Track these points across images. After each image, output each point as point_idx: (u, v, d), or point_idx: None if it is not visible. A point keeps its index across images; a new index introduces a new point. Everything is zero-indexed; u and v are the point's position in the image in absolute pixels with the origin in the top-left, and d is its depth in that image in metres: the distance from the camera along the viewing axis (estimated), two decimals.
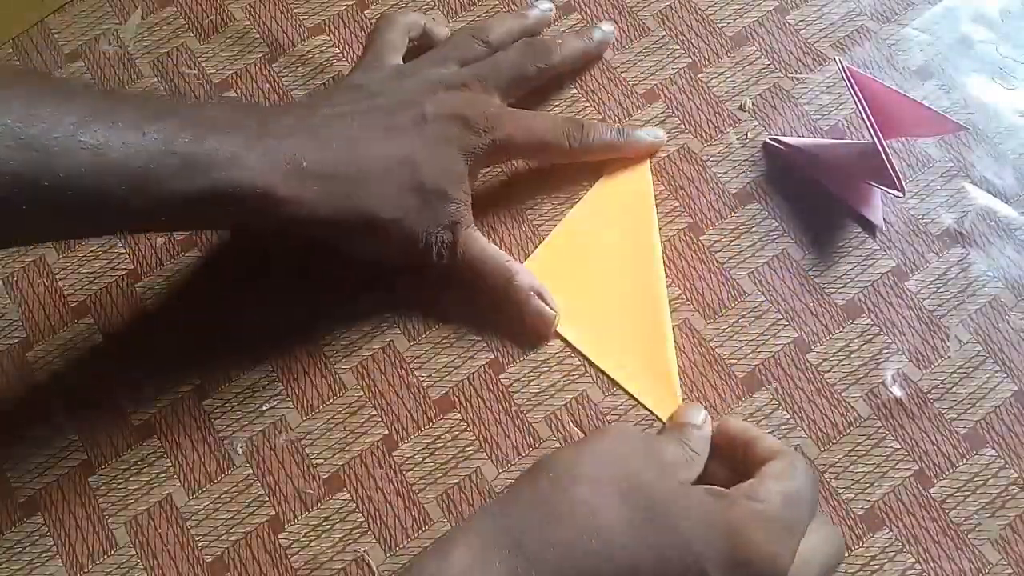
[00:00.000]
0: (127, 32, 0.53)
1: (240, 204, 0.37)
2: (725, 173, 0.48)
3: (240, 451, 0.43)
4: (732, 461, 0.39)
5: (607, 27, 0.50)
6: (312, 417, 0.43)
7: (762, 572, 0.33)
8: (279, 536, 0.41)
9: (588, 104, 0.49)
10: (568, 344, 0.44)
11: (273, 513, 0.42)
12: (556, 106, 0.49)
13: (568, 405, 0.43)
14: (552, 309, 0.43)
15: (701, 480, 0.37)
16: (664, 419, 0.42)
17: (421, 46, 0.47)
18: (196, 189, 0.36)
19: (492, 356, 0.44)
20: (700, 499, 0.35)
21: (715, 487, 0.36)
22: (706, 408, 0.42)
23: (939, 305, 0.44)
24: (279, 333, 0.45)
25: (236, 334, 0.45)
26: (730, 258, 0.46)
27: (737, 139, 0.48)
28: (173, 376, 0.44)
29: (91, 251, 0.47)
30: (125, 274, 0.47)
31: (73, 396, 0.44)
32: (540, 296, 0.43)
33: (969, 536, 0.40)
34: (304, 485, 0.42)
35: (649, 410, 0.42)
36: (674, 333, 0.44)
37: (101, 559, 0.41)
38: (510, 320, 0.44)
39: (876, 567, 0.40)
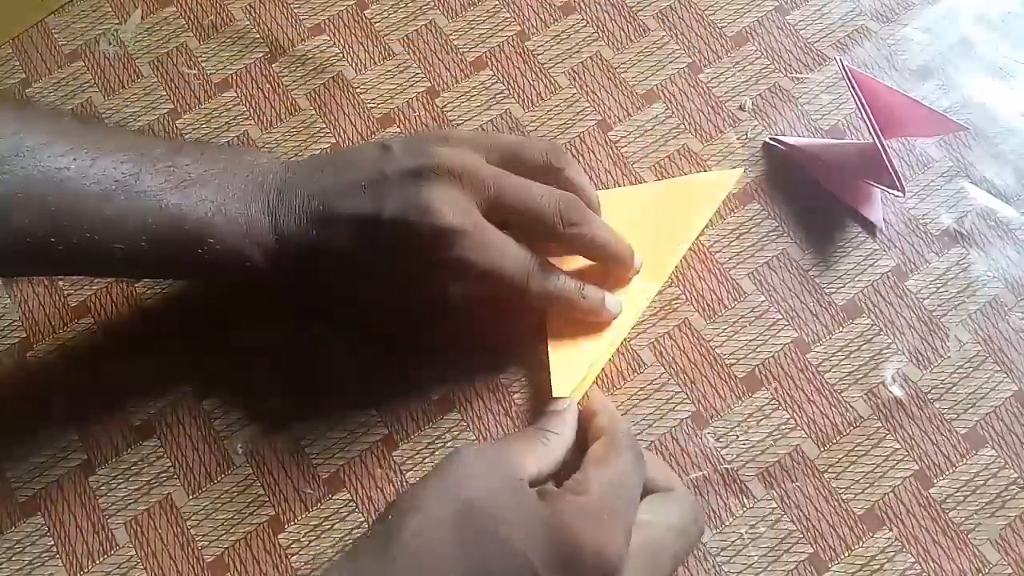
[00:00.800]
0: (127, 32, 0.53)
1: (227, 269, 0.39)
2: None
3: (240, 451, 0.43)
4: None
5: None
6: (312, 417, 0.43)
7: (593, 566, 0.32)
8: (279, 536, 0.41)
9: (588, 104, 0.49)
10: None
11: (273, 513, 0.42)
12: (555, 106, 0.49)
13: None
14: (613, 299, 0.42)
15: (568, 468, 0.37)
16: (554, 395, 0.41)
17: None
18: (190, 255, 0.38)
19: (493, 355, 0.44)
20: (528, 503, 0.34)
21: (547, 487, 0.35)
22: (706, 408, 0.42)
23: (939, 305, 0.44)
24: (279, 334, 0.45)
25: (236, 334, 0.45)
26: (730, 258, 0.46)
27: (737, 139, 0.48)
28: (173, 376, 0.44)
29: None
30: None
31: (73, 396, 0.44)
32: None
33: (969, 536, 0.40)
34: (304, 485, 0.42)
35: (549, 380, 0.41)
36: (674, 333, 0.44)
37: (101, 559, 0.41)
38: (506, 319, 0.44)
39: (876, 567, 0.40)
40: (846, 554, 0.40)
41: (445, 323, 0.43)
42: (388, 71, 0.51)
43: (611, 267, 0.43)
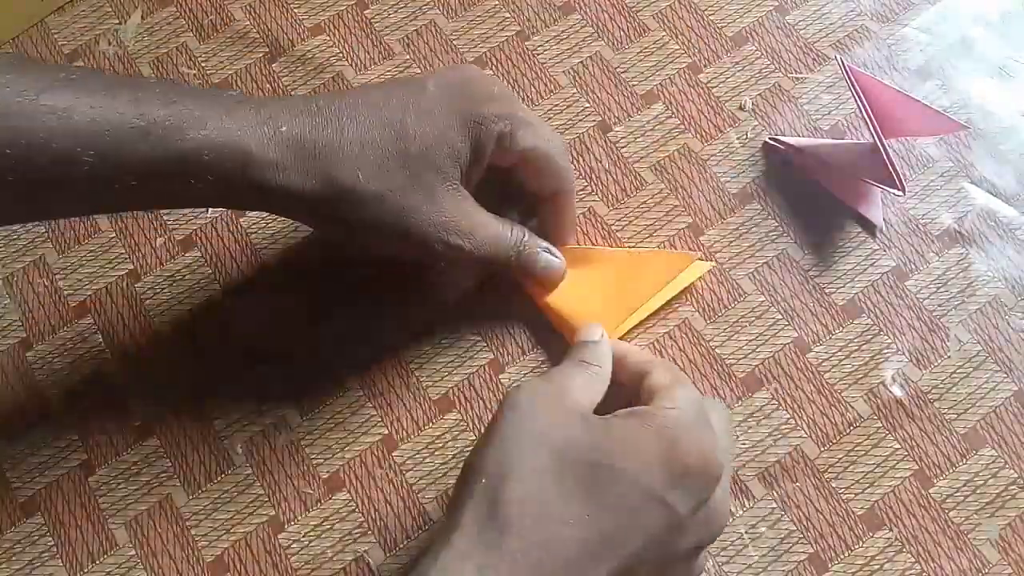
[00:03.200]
0: (127, 32, 0.53)
1: (213, 170, 0.35)
2: (725, 173, 0.48)
3: (240, 451, 0.43)
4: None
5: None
6: (312, 417, 0.43)
7: (707, 475, 0.33)
8: (279, 536, 0.41)
9: (588, 104, 0.49)
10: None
11: (273, 513, 0.42)
12: (555, 106, 0.49)
13: None
14: (559, 258, 0.43)
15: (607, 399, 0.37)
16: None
17: None
18: (167, 153, 0.34)
19: (492, 356, 0.44)
20: (623, 428, 0.33)
21: (631, 409, 0.35)
22: None
23: (939, 305, 0.44)
24: (279, 333, 0.45)
25: (236, 334, 0.45)
26: (730, 258, 0.46)
27: (737, 139, 0.48)
28: (173, 376, 0.44)
29: (91, 251, 0.47)
30: (125, 274, 0.47)
31: (73, 396, 0.44)
32: (548, 251, 0.42)
33: (969, 536, 0.40)
34: (304, 485, 0.42)
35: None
36: (674, 333, 0.44)
37: (101, 559, 0.41)
38: (506, 320, 0.44)
39: (876, 567, 0.40)
40: (846, 554, 0.40)
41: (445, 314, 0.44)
42: (388, 71, 0.51)
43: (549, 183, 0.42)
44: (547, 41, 0.51)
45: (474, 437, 0.42)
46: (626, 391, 0.38)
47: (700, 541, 0.35)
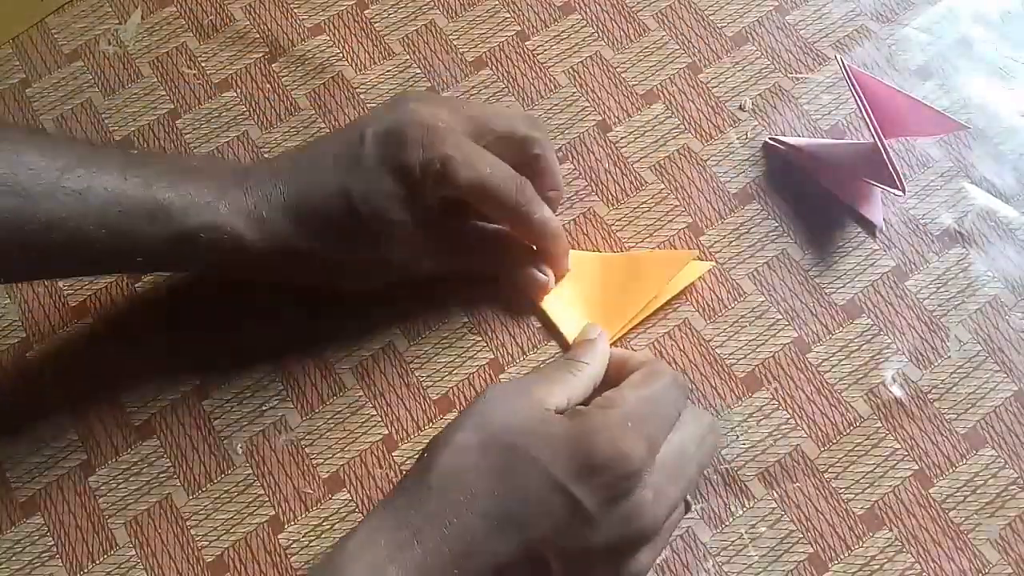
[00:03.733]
0: (127, 32, 0.53)
1: (209, 248, 0.38)
2: (725, 173, 0.48)
3: (240, 451, 0.43)
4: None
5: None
6: (312, 417, 0.43)
7: (616, 471, 0.34)
8: (279, 536, 0.41)
9: (588, 104, 0.49)
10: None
11: (273, 513, 0.42)
12: (555, 106, 0.49)
13: None
14: (544, 275, 0.44)
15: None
16: None
17: None
18: (170, 233, 0.38)
19: (492, 356, 0.44)
20: (555, 422, 0.35)
21: (578, 407, 0.36)
22: (706, 407, 0.42)
23: (939, 305, 0.44)
24: (279, 333, 0.45)
25: (236, 334, 0.45)
26: (730, 258, 0.46)
27: (737, 139, 0.48)
28: (173, 376, 0.44)
29: None
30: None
31: (73, 396, 0.44)
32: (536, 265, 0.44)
33: (969, 536, 0.40)
34: (304, 485, 0.42)
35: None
36: (674, 333, 0.44)
37: (101, 559, 0.41)
38: (506, 320, 0.44)
39: (876, 567, 0.40)
40: (846, 554, 0.40)
41: (451, 293, 0.44)
42: (388, 71, 0.51)
43: (553, 251, 0.44)
44: (547, 41, 0.51)
45: None
46: None
47: (620, 539, 0.34)
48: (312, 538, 0.41)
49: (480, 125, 0.41)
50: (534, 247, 0.44)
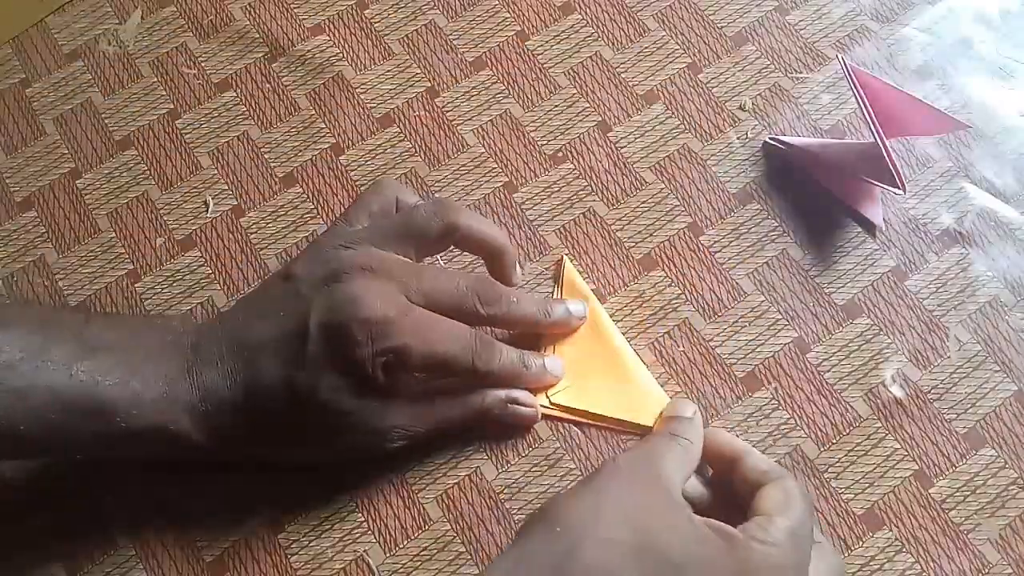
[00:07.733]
0: (127, 32, 0.53)
1: (155, 442, 0.37)
2: (725, 173, 0.48)
3: None
4: (718, 475, 0.39)
5: (576, 307, 0.43)
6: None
7: None
8: (279, 536, 0.41)
9: (588, 104, 0.49)
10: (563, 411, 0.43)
11: (273, 513, 0.41)
12: (555, 106, 0.49)
13: None
14: (531, 406, 0.42)
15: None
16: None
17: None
18: (112, 431, 0.36)
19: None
20: (712, 544, 0.33)
21: (722, 526, 0.34)
22: (706, 408, 0.42)
23: (939, 305, 0.44)
24: None
25: None
26: (730, 258, 0.46)
27: (737, 139, 0.48)
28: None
29: (91, 251, 0.47)
30: (125, 274, 0.47)
31: None
32: (513, 400, 0.41)
33: (969, 536, 0.40)
34: (304, 485, 0.42)
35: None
36: (674, 333, 0.44)
37: (101, 559, 0.41)
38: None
39: (876, 567, 0.40)
40: (846, 554, 0.40)
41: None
42: (388, 71, 0.51)
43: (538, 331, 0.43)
44: (547, 41, 0.51)
45: (473, 437, 0.42)
46: (719, 477, 0.39)
47: None
48: (312, 538, 0.41)
49: (427, 294, 0.38)
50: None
